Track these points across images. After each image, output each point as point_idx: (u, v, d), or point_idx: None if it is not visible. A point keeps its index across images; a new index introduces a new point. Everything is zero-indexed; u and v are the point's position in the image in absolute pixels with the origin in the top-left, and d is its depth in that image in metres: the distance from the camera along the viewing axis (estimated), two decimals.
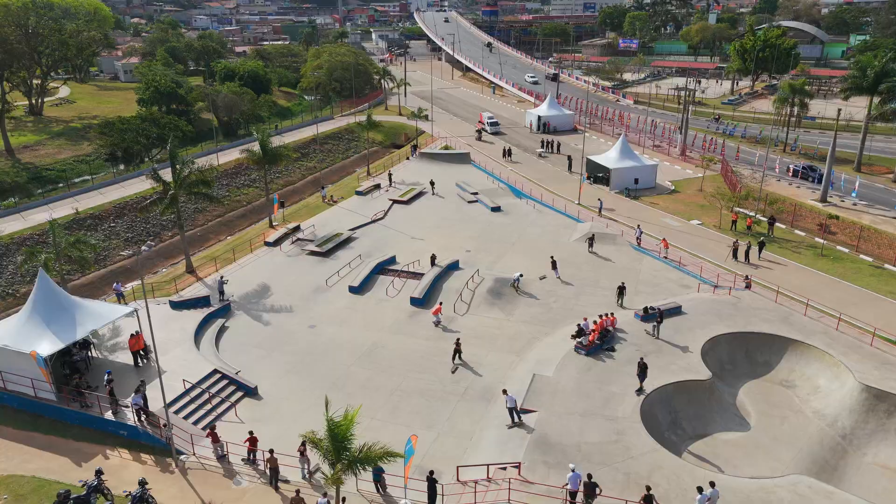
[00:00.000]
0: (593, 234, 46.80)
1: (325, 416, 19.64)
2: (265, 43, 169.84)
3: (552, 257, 43.20)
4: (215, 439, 26.00)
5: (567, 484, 22.78)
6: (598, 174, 62.73)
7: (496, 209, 55.87)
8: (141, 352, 31.73)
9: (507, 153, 72.69)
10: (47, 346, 28.12)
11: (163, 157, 64.99)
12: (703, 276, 41.65)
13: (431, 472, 23.43)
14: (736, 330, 34.87)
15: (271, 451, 24.32)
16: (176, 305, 37.56)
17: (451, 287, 40.72)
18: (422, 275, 42.06)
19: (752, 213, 51.78)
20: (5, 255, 43.89)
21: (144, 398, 27.20)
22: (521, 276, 40.80)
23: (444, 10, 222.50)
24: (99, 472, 23.84)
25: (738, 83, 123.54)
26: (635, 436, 26.65)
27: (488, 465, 24.92)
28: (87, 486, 23.26)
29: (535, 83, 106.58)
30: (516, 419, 27.49)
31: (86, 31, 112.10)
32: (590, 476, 22.68)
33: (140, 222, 52.25)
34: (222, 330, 36.25)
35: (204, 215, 57.08)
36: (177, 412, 28.22)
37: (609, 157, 62.10)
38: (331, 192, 62.36)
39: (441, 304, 38.12)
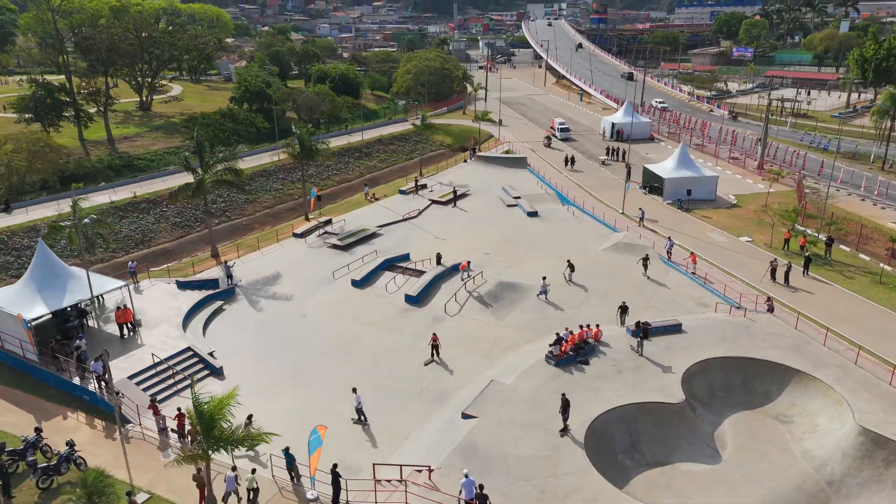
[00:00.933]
0: (647, 255, 42.51)
1: (192, 397, 19.85)
2: (372, 49, 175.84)
3: (569, 261, 41.31)
4: (156, 412, 26.99)
5: (461, 492, 21.59)
6: (653, 184, 59.35)
7: (532, 214, 54.29)
8: (129, 324, 33.58)
9: (570, 161, 70.33)
10: (34, 310, 30.50)
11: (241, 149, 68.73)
12: (728, 295, 38.15)
13: (335, 466, 22.99)
14: (736, 354, 31.63)
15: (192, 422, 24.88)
16: (182, 286, 39.51)
17: (451, 287, 39.99)
18: (448, 270, 41.70)
19: (810, 232, 46.87)
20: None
21: (105, 366, 28.70)
22: (545, 279, 39.27)
23: (559, 19, 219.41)
24: (38, 430, 25.45)
25: (860, 95, 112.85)
26: (569, 454, 24.80)
27: (402, 465, 24.10)
28: (26, 441, 24.89)
29: (665, 109, 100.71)
30: (362, 418, 27.78)
31: (201, 36, 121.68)
32: (481, 487, 21.38)
33: (190, 208, 55.49)
34: (217, 312, 37.64)
35: (253, 206, 59.76)
36: (138, 384, 29.62)
37: (664, 166, 58.60)
38: (376, 190, 63.37)
39: (469, 262, 41.52)
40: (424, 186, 62.94)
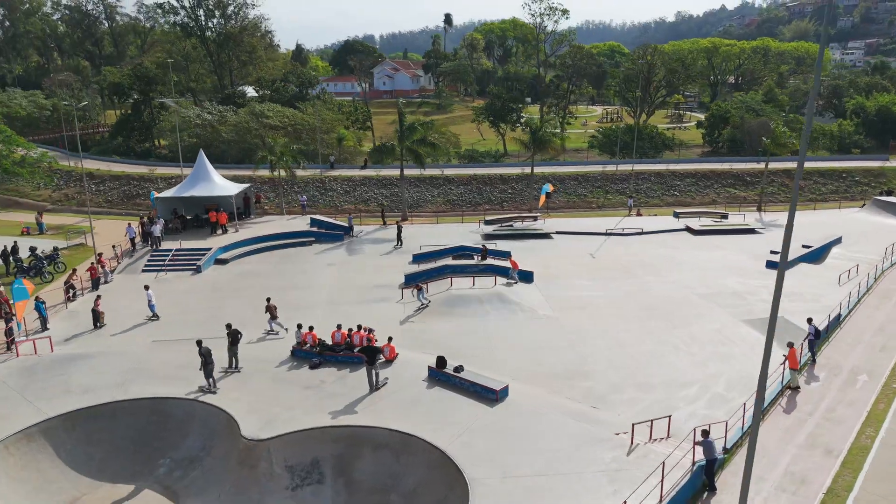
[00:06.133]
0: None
1: None
2: None
3: None
4: (94, 274, 33.92)
5: None
6: None
7: (772, 265, 34.98)
8: (222, 226, 41.60)
9: None
10: (167, 192, 42.29)
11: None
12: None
13: None
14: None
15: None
16: (314, 222, 44.66)
17: (450, 282, 32.32)
18: (472, 266, 34.66)
19: None
20: (362, 185, 59.53)
21: (158, 231, 38.22)
22: None
23: None
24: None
25: None
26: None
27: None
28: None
29: None
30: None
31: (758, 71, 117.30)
32: None
33: (471, 192, 58.61)
34: (302, 244, 41.30)
35: (531, 202, 57.50)
36: (158, 254, 37.46)
37: None
38: (659, 211, 51.31)
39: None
40: (725, 216, 47.38)
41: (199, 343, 20.86)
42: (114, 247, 37.58)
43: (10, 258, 35.85)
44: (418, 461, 17.38)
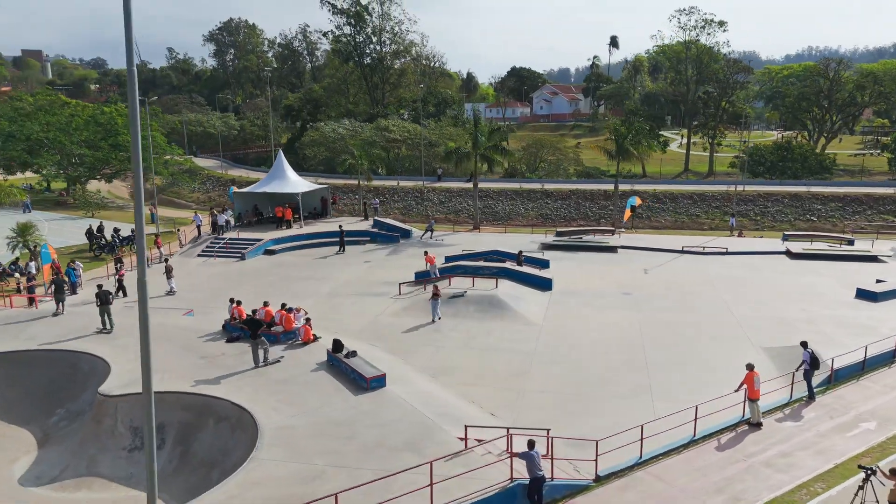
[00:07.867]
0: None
1: None
2: None
3: None
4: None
5: None
6: None
7: (868, 295, 28.09)
8: (286, 221, 43.03)
9: None
10: (245, 188, 44.91)
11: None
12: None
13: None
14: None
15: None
16: (376, 224, 44.71)
17: (448, 282, 30.20)
18: (486, 268, 32.25)
19: None
20: (458, 196, 58.71)
21: (226, 221, 40.77)
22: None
23: None
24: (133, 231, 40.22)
25: None
26: None
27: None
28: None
29: None
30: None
31: None
32: None
33: (561, 207, 55.17)
34: (356, 243, 41.38)
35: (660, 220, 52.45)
36: (216, 241, 39.69)
37: None
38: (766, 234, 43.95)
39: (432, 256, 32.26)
40: (850, 242, 39.49)
41: (55, 273, 24.77)
42: (178, 230, 40.52)
43: (93, 236, 40.18)
44: (246, 437, 15.93)
